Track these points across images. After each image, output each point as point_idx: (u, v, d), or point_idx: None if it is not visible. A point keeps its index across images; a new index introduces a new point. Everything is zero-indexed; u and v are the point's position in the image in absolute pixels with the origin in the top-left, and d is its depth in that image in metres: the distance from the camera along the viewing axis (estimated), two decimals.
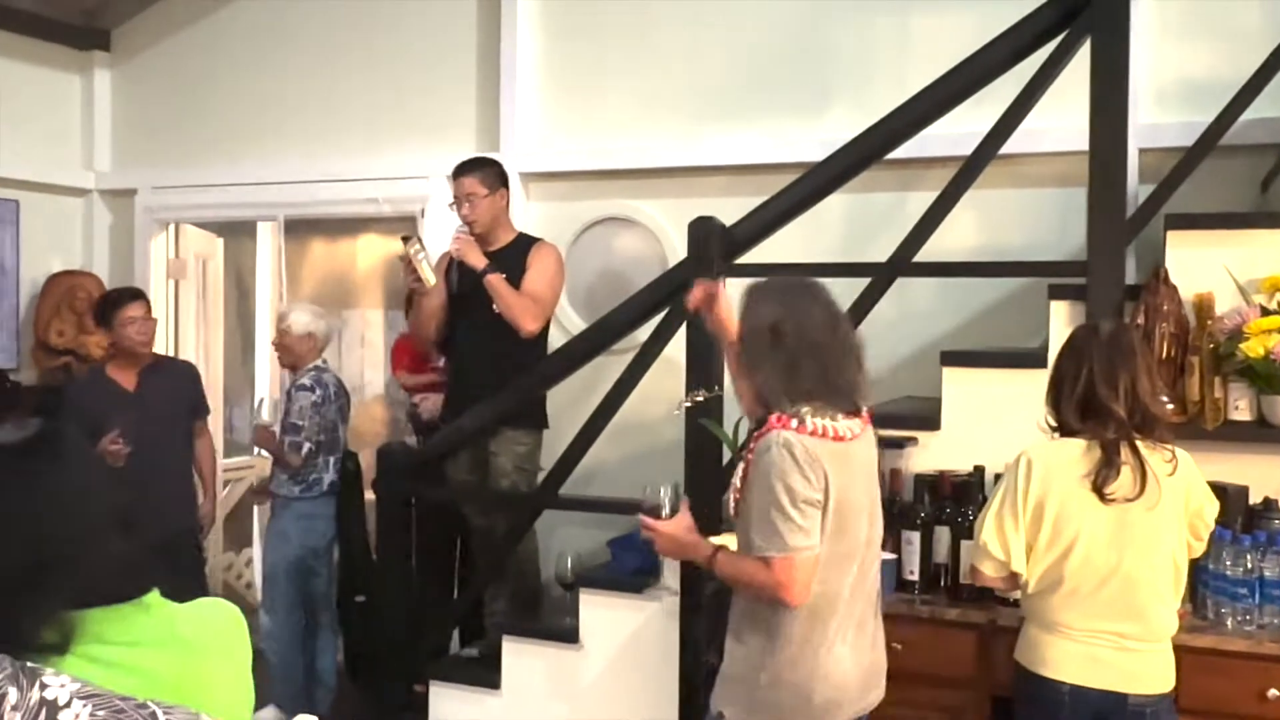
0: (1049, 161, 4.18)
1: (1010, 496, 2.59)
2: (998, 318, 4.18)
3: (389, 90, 5.24)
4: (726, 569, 2.45)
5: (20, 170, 5.58)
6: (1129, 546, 2.52)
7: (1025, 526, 2.57)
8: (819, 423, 2.34)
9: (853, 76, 4.48)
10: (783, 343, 2.38)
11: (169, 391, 4.50)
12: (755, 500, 2.33)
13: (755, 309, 2.47)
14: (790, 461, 2.29)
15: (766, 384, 2.39)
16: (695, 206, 3.85)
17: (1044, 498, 2.56)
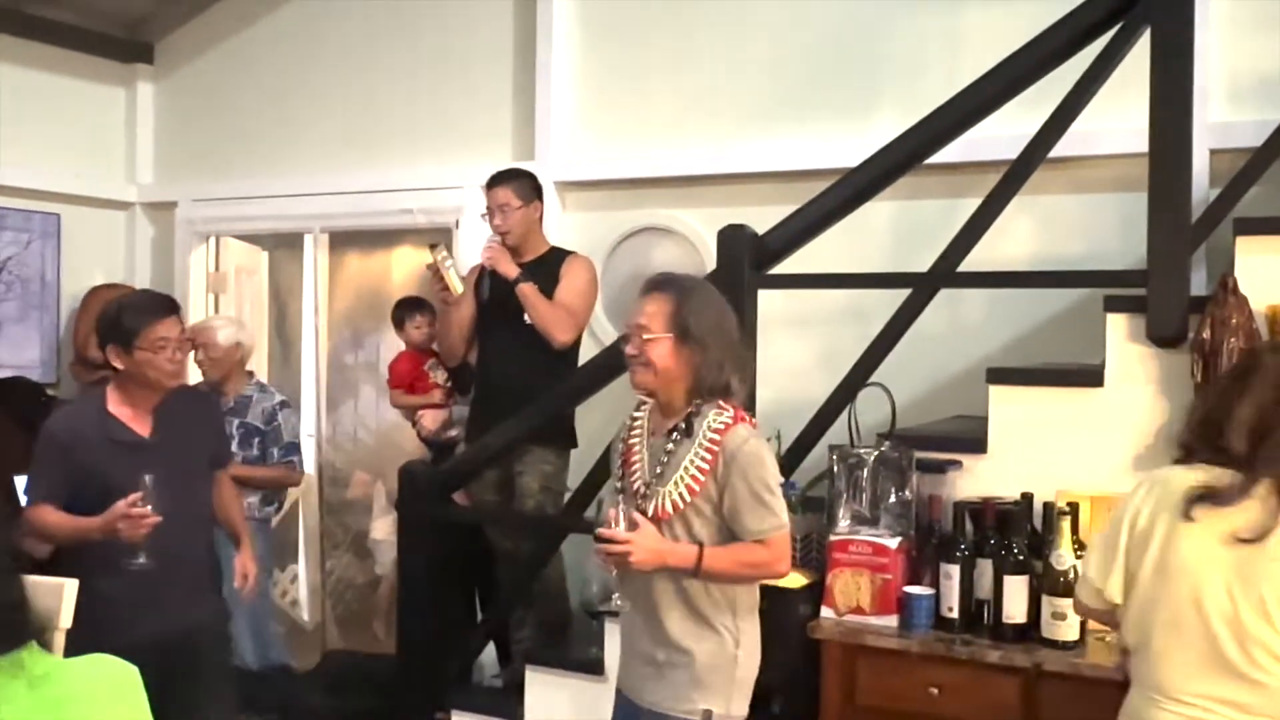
0: (1111, 164, 3.91)
1: (1118, 520, 2.27)
2: (1057, 332, 3.92)
3: (426, 100, 5.14)
4: (718, 563, 2.46)
5: (62, 184, 5.58)
6: (1247, 596, 2.09)
7: (1127, 552, 2.22)
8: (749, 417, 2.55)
9: (901, 78, 4.25)
10: (736, 338, 2.54)
11: (191, 437, 3.22)
12: (742, 488, 2.43)
13: (709, 301, 2.53)
14: (767, 449, 2.51)
15: (718, 377, 2.47)
16: (736, 216, 3.64)
17: (1153, 524, 2.19)
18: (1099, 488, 2.97)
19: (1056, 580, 2.74)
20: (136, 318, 3.04)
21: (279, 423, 4.46)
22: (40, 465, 3.10)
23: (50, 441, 3.09)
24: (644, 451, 2.56)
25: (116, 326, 3.05)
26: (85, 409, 3.17)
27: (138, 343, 3.02)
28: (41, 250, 5.54)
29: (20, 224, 5.46)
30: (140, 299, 3.28)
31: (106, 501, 2.89)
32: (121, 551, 2.91)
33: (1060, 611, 2.73)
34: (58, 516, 3.02)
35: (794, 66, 4.47)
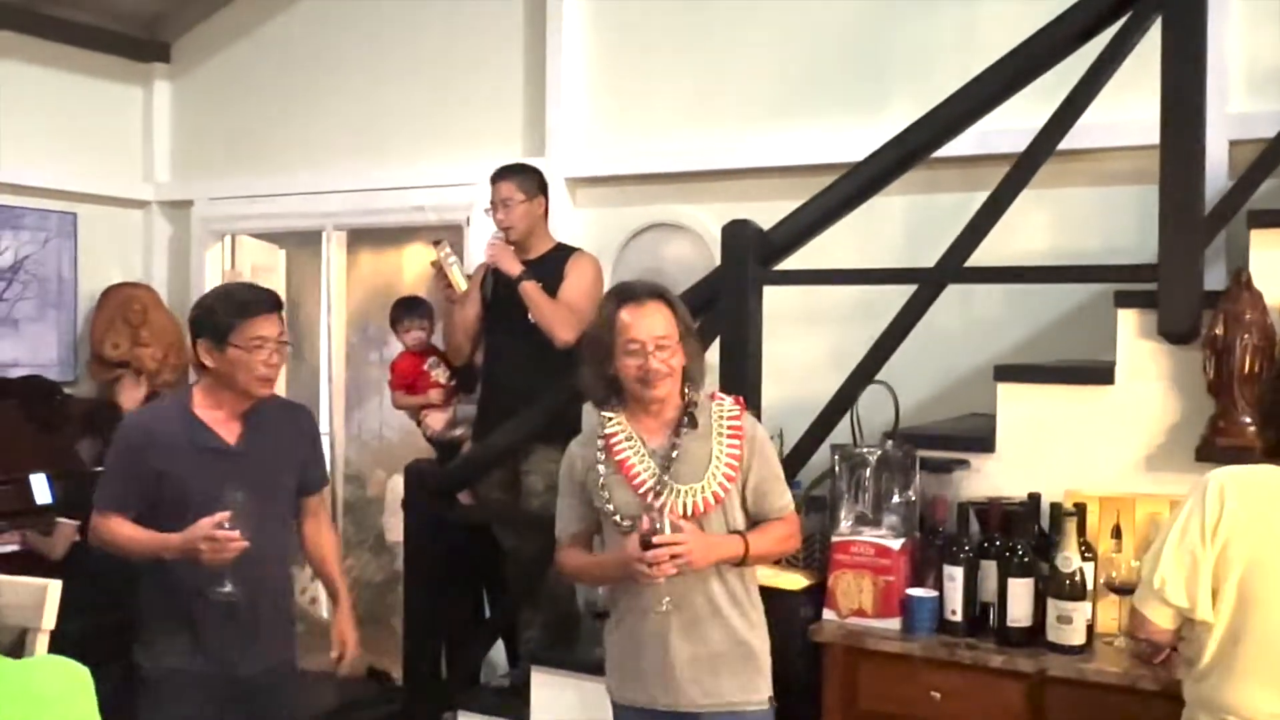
0: (1131, 156, 3.80)
1: (1195, 527, 2.12)
2: (1073, 329, 3.83)
3: (437, 97, 5.12)
4: (760, 546, 2.53)
5: (79, 183, 5.60)
6: None
7: (1211, 566, 2.11)
8: None
9: (915, 69, 4.18)
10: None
11: (282, 450, 2.89)
12: (765, 469, 2.56)
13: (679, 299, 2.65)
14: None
15: (700, 367, 2.61)
16: (748, 211, 3.59)
17: (1235, 533, 2.09)
18: (1109, 488, 2.90)
19: (1063, 583, 2.67)
20: (234, 311, 2.70)
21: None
22: (111, 470, 2.81)
23: (124, 444, 2.79)
24: (644, 457, 2.53)
25: (210, 319, 2.72)
26: (166, 409, 2.89)
27: (232, 339, 2.68)
28: (59, 249, 5.56)
29: (37, 223, 5.49)
30: (240, 291, 2.89)
31: (185, 514, 2.61)
32: (205, 577, 2.63)
33: (1066, 615, 2.66)
34: (130, 530, 2.74)
35: (806, 60, 4.40)
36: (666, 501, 2.45)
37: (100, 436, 4.70)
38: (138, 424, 2.91)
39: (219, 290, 2.94)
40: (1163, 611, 2.16)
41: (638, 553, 2.37)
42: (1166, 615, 2.16)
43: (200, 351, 2.74)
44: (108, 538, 2.79)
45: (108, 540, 2.79)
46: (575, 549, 2.68)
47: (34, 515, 4.78)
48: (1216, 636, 2.13)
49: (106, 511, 2.78)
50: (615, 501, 2.53)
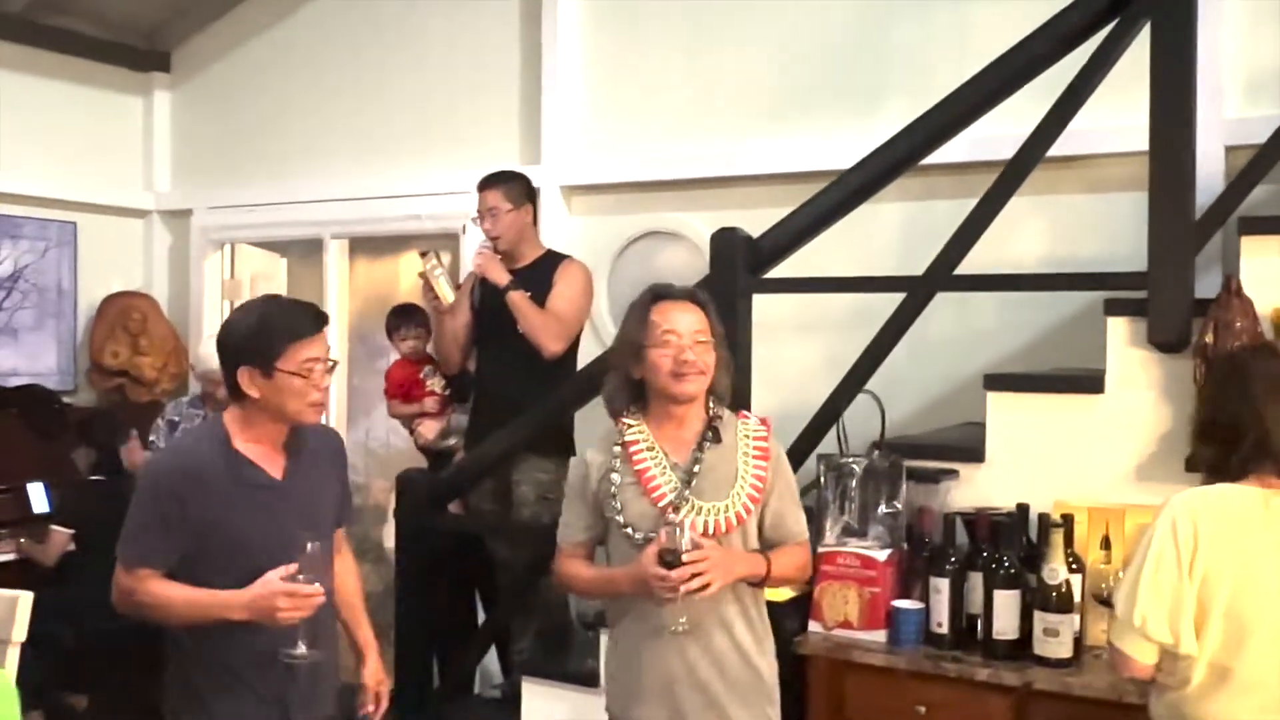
0: (1126, 162, 3.76)
1: (1170, 561, 2.08)
2: (1068, 337, 3.79)
3: (434, 105, 5.13)
4: (780, 568, 2.46)
5: (79, 192, 5.62)
6: None
7: (1194, 599, 2.07)
8: None
9: (911, 76, 4.15)
10: None
11: (323, 479, 2.57)
12: (786, 493, 2.51)
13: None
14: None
15: (726, 381, 2.51)
16: (744, 219, 3.57)
17: (1214, 563, 2.07)
18: (1099, 498, 2.86)
19: (1049, 595, 2.64)
20: (282, 334, 2.36)
21: None
22: (141, 519, 2.38)
23: (156, 489, 2.38)
24: (665, 469, 2.43)
25: (255, 343, 2.36)
26: (202, 446, 2.44)
27: (281, 364, 2.35)
28: (58, 258, 5.58)
29: (37, 232, 5.51)
30: (285, 309, 2.49)
31: (232, 563, 2.31)
32: (271, 638, 2.31)
33: (1052, 628, 2.62)
34: (175, 590, 2.35)
35: (802, 68, 4.38)
36: (687, 517, 2.34)
37: (95, 445, 4.70)
38: (172, 466, 2.45)
39: (256, 310, 2.48)
40: (1146, 648, 2.12)
41: (658, 569, 2.25)
42: (1150, 651, 2.12)
43: (243, 381, 2.37)
44: (146, 600, 2.36)
45: (146, 603, 2.37)
46: (578, 559, 2.57)
47: (29, 523, 4.79)
48: (1202, 665, 2.10)
49: (138, 568, 2.36)
50: (629, 513, 2.41)
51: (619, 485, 2.44)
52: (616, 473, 2.45)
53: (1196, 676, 2.11)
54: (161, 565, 2.36)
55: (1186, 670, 2.11)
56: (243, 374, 2.37)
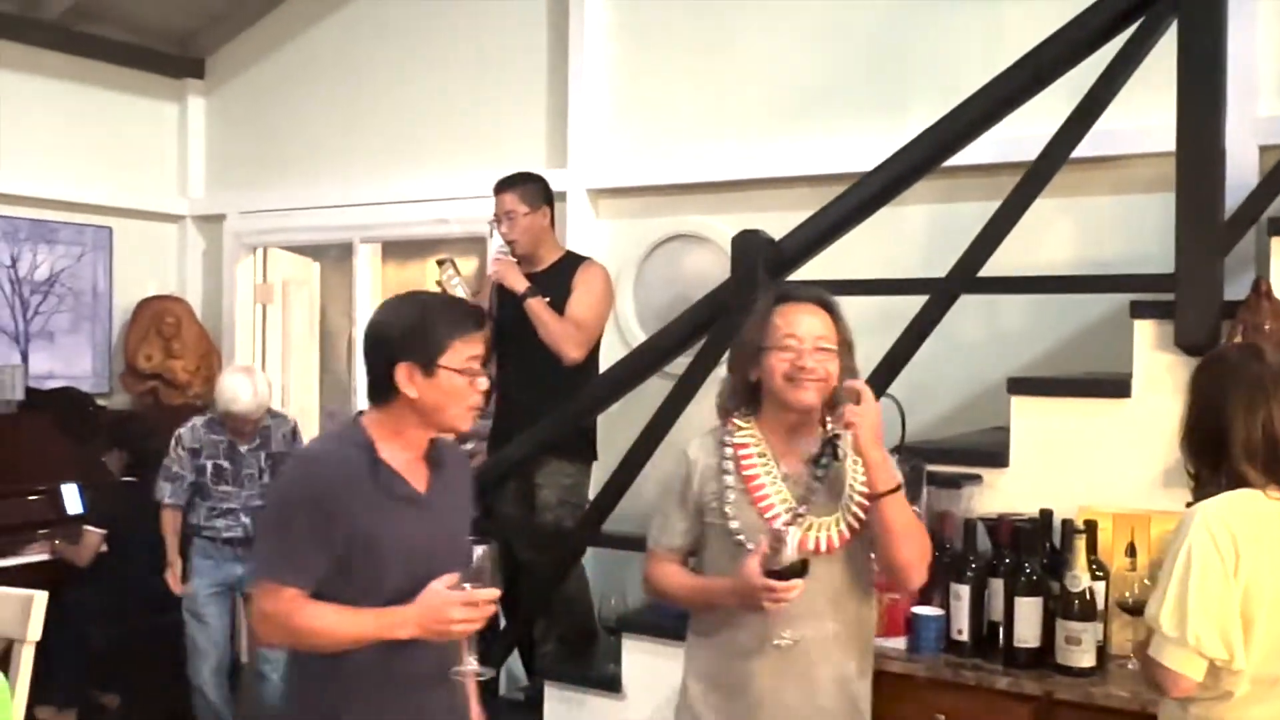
0: (1155, 163, 3.70)
1: (1216, 573, 2.01)
2: (1096, 340, 3.74)
3: (461, 110, 5.15)
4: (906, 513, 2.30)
5: (114, 197, 5.69)
6: None
7: (1239, 610, 2.02)
8: None
9: (937, 77, 4.11)
10: None
11: (459, 495, 2.36)
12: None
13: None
14: None
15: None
16: (770, 222, 3.55)
17: (1255, 573, 2.01)
18: (1125, 504, 2.81)
19: (1071, 602, 2.59)
20: (447, 328, 2.16)
21: (299, 443, 4.53)
22: (285, 528, 2.12)
23: (302, 494, 2.13)
24: (776, 480, 2.29)
25: (417, 337, 2.14)
26: (348, 453, 2.15)
27: (444, 361, 2.13)
28: (94, 263, 5.65)
29: (73, 237, 5.58)
30: (445, 304, 2.35)
31: (382, 582, 2.11)
32: (441, 655, 2.16)
33: (1075, 636, 2.58)
34: (334, 614, 2.09)
35: (829, 70, 4.35)
36: (796, 530, 2.17)
37: (127, 448, 4.75)
38: (319, 472, 2.16)
39: (415, 303, 2.26)
40: (1197, 665, 2.04)
41: (766, 580, 2.11)
42: (1200, 668, 2.04)
43: (401, 378, 2.12)
44: (301, 624, 2.09)
45: (301, 628, 2.10)
46: (674, 565, 2.39)
47: (63, 524, 4.85)
48: (1248, 678, 2.05)
49: (289, 584, 2.08)
50: (742, 521, 2.26)
51: (732, 490, 2.29)
52: (730, 474, 2.29)
53: (1240, 688, 2.05)
54: (310, 585, 2.10)
55: (1231, 683, 2.05)
56: (401, 370, 2.12)
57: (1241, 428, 2.07)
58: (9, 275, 5.34)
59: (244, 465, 4.45)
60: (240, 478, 4.45)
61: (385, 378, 2.14)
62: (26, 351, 5.41)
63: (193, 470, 4.43)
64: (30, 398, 5.16)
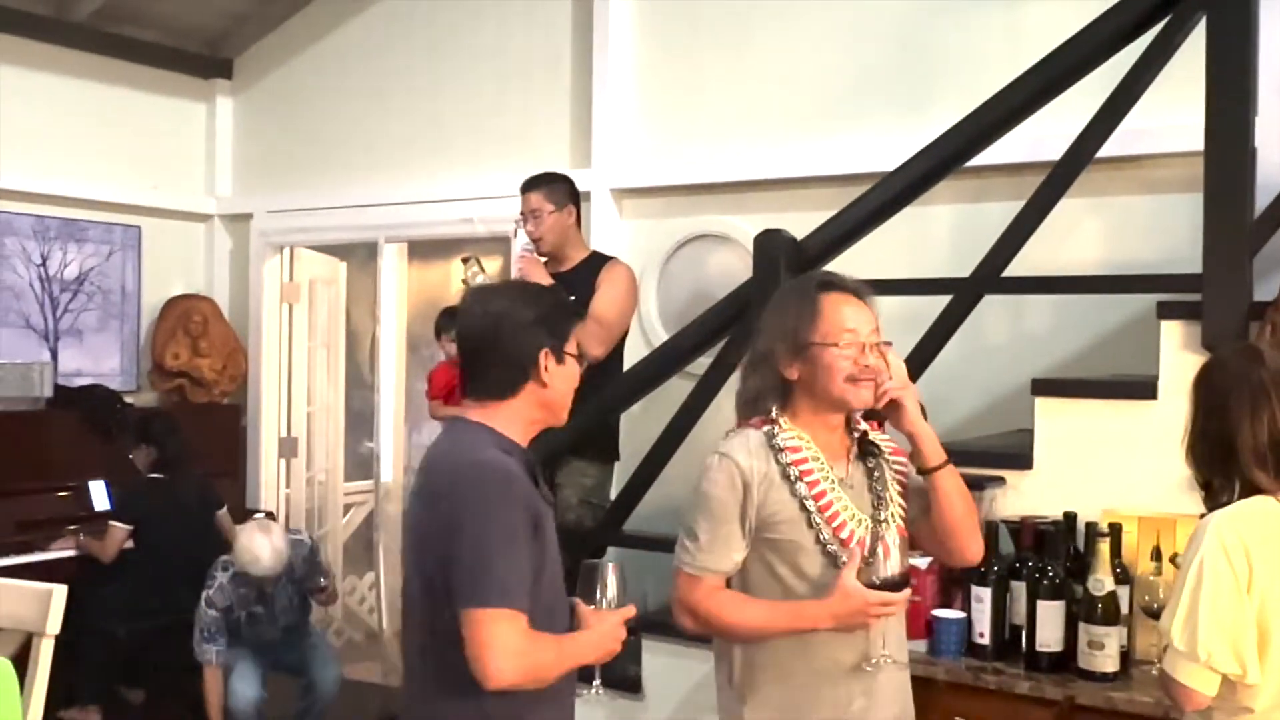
0: (1183, 163, 3.66)
1: (1228, 587, 1.97)
2: (1123, 341, 3.69)
3: (486, 110, 5.15)
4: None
5: (143, 197, 5.73)
6: None
7: (1254, 624, 1.97)
8: None
9: (961, 76, 4.07)
10: None
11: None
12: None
13: None
14: None
15: None
16: (794, 221, 3.54)
17: (1270, 584, 1.97)
18: (1150, 508, 2.77)
19: (1094, 606, 2.55)
20: (569, 314, 2.19)
21: (318, 560, 4.59)
22: (516, 557, 1.94)
23: (520, 524, 1.96)
24: (834, 484, 2.11)
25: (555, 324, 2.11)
26: (514, 462, 2.03)
27: (569, 347, 2.14)
28: (122, 261, 5.69)
29: (102, 236, 5.62)
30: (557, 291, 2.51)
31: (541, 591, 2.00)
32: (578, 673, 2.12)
33: (1098, 640, 2.54)
34: (550, 646, 1.98)
35: (853, 68, 4.33)
36: (897, 537, 2.10)
37: (153, 444, 4.77)
38: (519, 487, 2.00)
39: (532, 289, 2.33)
40: (1209, 680, 2.00)
41: (880, 594, 2.01)
42: (1213, 683, 2.00)
43: (544, 364, 2.08)
44: (547, 659, 1.96)
45: (545, 664, 1.96)
46: (731, 591, 2.15)
47: (91, 521, 4.89)
48: (1267, 691, 2.00)
49: (523, 610, 1.92)
50: (822, 533, 2.09)
51: (806, 499, 2.09)
52: (799, 483, 2.09)
53: (1261, 703, 2.01)
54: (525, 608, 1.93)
55: (1248, 698, 2.01)
56: (544, 356, 2.06)
57: (1249, 433, 2.03)
58: (39, 274, 5.39)
59: (276, 602, 4.38)
60: (275, 614, 4.38)
61: (519, 367, 2.06)
62: (56, 349, 5.45)
63: (227, 626, 4.35)
64: (59, 395, 5.19)
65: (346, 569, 6.23)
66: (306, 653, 4.46)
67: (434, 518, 1.99)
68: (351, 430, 6.33)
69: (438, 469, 2.06)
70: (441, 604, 1.94)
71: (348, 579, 6.22)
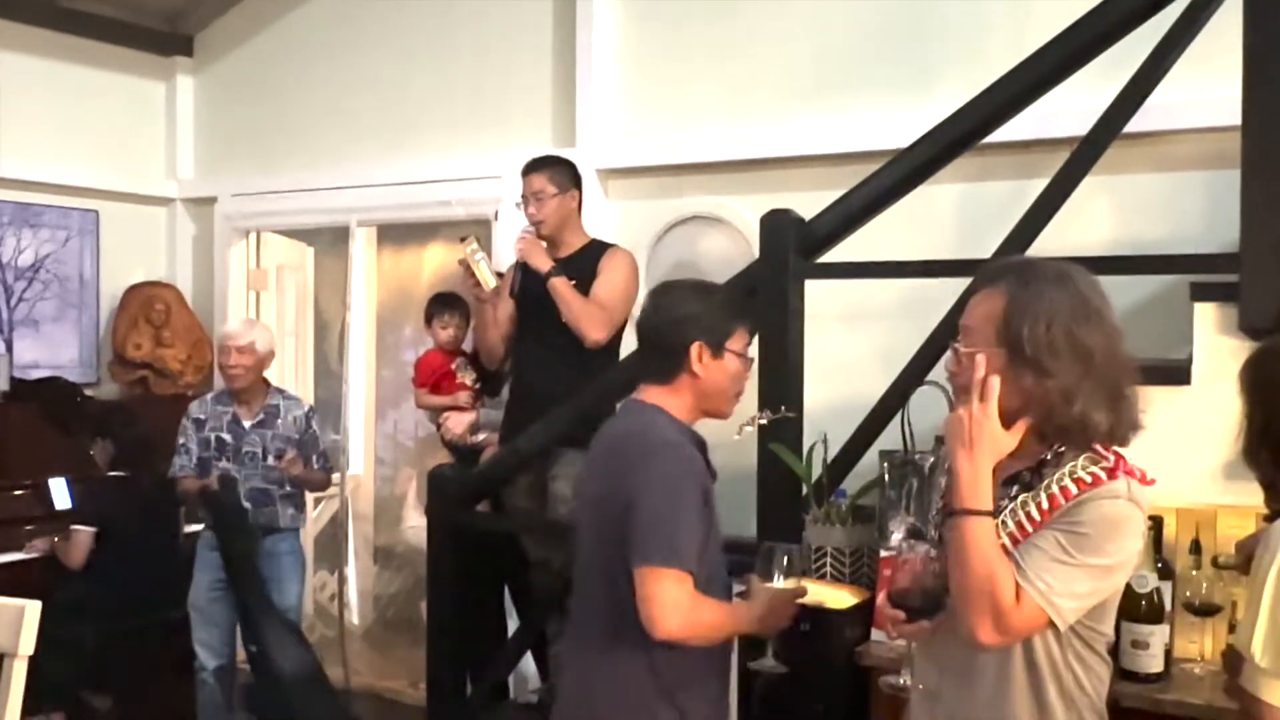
0: (1198, 139, 3.59)
1: None
2: (1136, 324, 3.54)
3: (464, 87, 4.97)
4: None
5: (101, 180, 5.51)
6: None
7: None
8: None
9: (963, 49, 3.95)
10: (1101, 350, 1.85)
11: None
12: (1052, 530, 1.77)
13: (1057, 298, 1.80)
14: (1134, 520, 1.83)
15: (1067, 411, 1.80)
16: (787, 202, 3.39)
17: None
18: (1186, 499, 2.66)
19: (1138, 604, 2.43)
20: (734, 313, 2.36)
21: (314, 430, 4.37)
22: (683, 521, 2.15)
23: (692, 492, 2.20)
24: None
25: (714, 318, 2.30)
26: (674, 426, 2.28)
27: (730, 345, 2.31)
28: (80, 248, 5.47)
29: (58, 221, 5.39)
30: (729, 291, 2.66)
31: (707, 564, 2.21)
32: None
33: (1142, 639, 2.42)
34: (723, 610, 2.23)
35: (847, 41, 4.19)
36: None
37: (113, 439, 4.56)
38: (693, 457, 2.26)
39: (704, 286, 2.47)
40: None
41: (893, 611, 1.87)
42: None
43: (694, 356, 2.27)
44: (703, 617, 2.16)
45: (702, 621, 2.16)
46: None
47: (52, 520, 4.67)
48: None
49: (687, 572, 2.12)
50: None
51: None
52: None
53: None
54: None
55: None
56: (695, 349, 2.27)
57: None
58: None
59: (245, 442, 4.27)
60: (241, 455, 4.26)
61: (674, 356, 2.28)
62: (11, 340, 5.22)
63: (199, 444, 4.30)
64: (15, 388, 4.98)
65: (316, 565, 6.03)
66: (272, 552, 4.30)
67: (619, 488, 2.17)
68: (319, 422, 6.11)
69: (621, 445, 2.28)
70: (619, 569, 2.14)
71: (318, 574, 6.03)
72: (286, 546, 4.39)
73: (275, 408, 4.34)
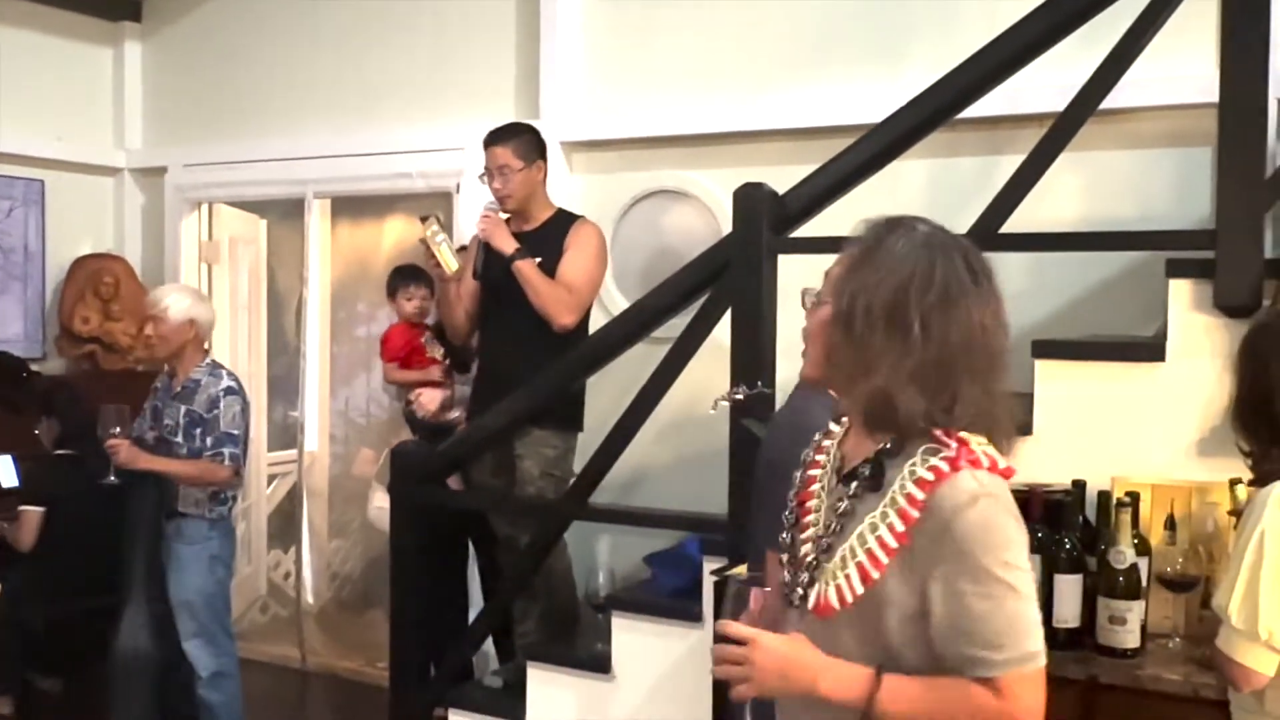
0: (1167, 116, 3.60)
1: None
2: (1107, 301, 3.61)
3: (424, 55, 4.86)
4: (903, 704, 1.48)
5: (46, 148, 5.34)
6: None
7: None
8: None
9: (934, 22, 3.93)
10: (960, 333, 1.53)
11: None
12: (957, 587, 1.46)
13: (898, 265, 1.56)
14: (1007, 515, 1.50)
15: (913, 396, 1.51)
16: (757, 176, 3.33)
17: None
18: (1160, 474, 2.66)
19: (1115, 580, 2.44)
20: None
21: (219, 411, 3.84)
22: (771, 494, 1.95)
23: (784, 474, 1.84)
24: (822, 498, 1.64)
25: None
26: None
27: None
28: (25, 218, 5.29)
29: (2, 190, 5.22)
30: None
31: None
32: None
33: (1119, 615, 2.43)
34: None
35: (816, 14, 4.14)
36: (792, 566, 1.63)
37: (60, 417, 4.42)
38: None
39: None
40: (1270, 659, 1.92)
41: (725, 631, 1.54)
42: (1272, 663, 1.93)
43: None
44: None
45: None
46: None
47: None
48: None
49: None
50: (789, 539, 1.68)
51: (794, 499, 1.71)
52: (796, 480, 1.72)
53: None
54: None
55: None
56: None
57: None
58: None
59: (165, 414, 3.90)
60: (162, 426, 3.90)
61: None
62: None
63: (150, 413, 3.96)
64: None
65: (271, 543, 5.94)
66: (172, 538, 3.90)
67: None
68: (274, 398, 6.00)
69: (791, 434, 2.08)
70: None
71: (272, 553, 5.94)
72: (189, 534, 3.91)
73: (196, 382, 3.88)
